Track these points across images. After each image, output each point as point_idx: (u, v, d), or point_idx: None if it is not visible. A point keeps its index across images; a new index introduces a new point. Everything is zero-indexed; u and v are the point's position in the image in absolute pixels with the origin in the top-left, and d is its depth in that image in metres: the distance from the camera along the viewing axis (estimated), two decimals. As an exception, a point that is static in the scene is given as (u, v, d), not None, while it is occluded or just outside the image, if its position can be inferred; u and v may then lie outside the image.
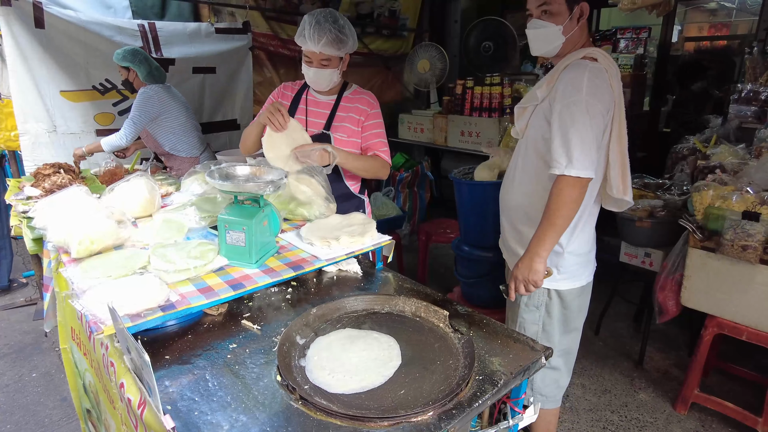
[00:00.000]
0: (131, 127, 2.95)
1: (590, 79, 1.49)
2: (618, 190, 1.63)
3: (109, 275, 1.33)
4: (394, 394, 1.00)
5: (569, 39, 1.59)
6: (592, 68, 1.51)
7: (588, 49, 1.58)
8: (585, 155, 1.46)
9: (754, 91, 3.07)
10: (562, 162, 1.47)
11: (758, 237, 2.01)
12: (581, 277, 1.76)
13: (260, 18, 4.30)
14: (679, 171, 2.96)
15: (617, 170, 1.61)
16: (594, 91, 1.48)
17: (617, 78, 1.58)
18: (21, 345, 3.08)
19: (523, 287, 1.58)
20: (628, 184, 1.65)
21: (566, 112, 1.49)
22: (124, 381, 1.04)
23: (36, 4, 2.99)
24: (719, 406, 2.36)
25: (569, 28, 1.57)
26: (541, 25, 1.58)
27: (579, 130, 1.46)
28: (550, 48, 1.62)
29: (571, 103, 1.48)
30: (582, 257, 1.73)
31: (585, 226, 1.70)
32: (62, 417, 2.46)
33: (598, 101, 1.49)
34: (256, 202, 1.47)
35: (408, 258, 4.14)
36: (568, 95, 1.49)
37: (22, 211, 2.05)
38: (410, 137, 4.95)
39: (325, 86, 2.05)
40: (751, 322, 2.14)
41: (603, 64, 1.55)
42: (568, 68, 1.55)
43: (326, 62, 1.95)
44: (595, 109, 1.48)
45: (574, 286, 1.75)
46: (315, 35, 1.87)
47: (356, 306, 1.33)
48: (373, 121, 2.12)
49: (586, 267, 1.77)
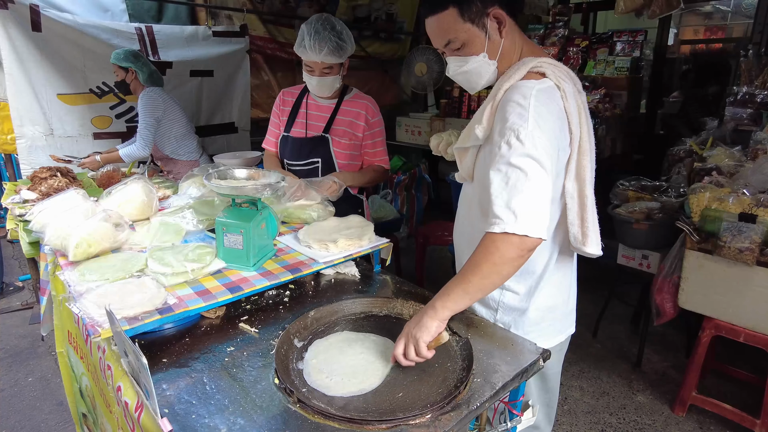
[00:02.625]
0: (146, 134, 2.95)
1: (536, 107, 1.12)
2: (576, 239, 1.28)
3: (106, 278, 1.33)
4: (392, 397, 1.00)
5: (503, 56, 1.25)
6: (538, 92, 1.15)
7: (532, 61, 1.21)
8: (535, 212, 1.08)
9: (749, 94, 3.08)
10: (504, 218, 1.08)
11: (755, 239, 2.02)
12: (557, 333, 1.43)
13: (257, 21, 4.31)
14: (676, 173, 2.97)
15: (574, 214, 1.27)
16: (543, 125, 1.12)
17: (574, 94, 1.22)
18: (17, 349, 3.06)
19: (402, 348, 1.09)
20: (590, 233, 1.27)
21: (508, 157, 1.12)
22: (121, 384, 1.04)
23: (33, 8, 2.99)
24: (717, 408, 2.36)
25: (494, 48, 1.23)
26: (462, 62, 1.25)
27: (528, 180, 1.09)
28: (485, 80, 1.28)
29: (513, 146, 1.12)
30: (554, 311, 1.40)
31: (554, 273, 1.37)
32: (58, 422, 2.45)
33: (548, 140, 1.12)
34: (253, 205, 1.47)
35: (405, 261, 4.13)
36: (511, 136, 1.12)
37: (18, 214, 2.04)
38: (407, 140, 4.96)
39: (329, 92, 2.07)
40: (748, 324, 2.14)
41: (553, 79, 1.20)
42: (508, 93, 1.19)
43: (328, 70, 1.96)
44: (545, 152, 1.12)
45: (549, 345, 1.30)
46: (316, 45, 1.87)
47: (354, 309, 1.33)
48: (375, 130, 2.15)
49: (563, 320, 1.44)
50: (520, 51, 1.28)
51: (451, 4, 1.19)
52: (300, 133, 2.14)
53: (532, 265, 1.34)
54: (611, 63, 4.28)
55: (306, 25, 1.90)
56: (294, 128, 2.15)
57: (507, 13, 1.22)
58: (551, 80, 1.20)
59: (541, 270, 1.35)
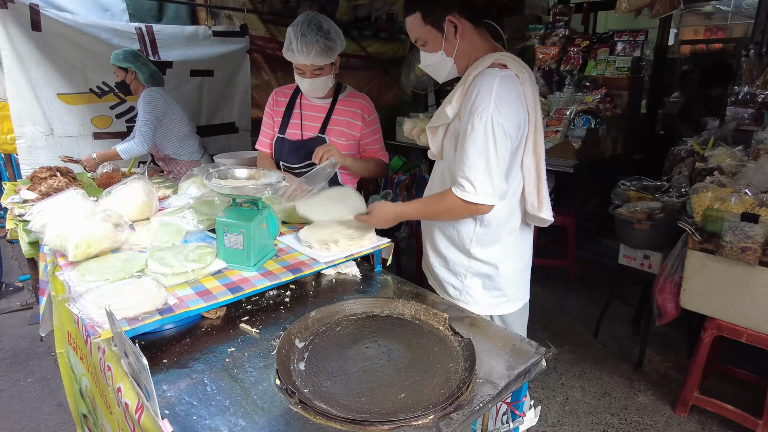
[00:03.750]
0: (146, 131, 2.93)
1: (499, 90, 1.35)
2: (533, 206, 1.54)
3: (106, 279, 1.33)
4: (394, 398, 0.99)
5: (459, 54, 1.48)
6: (501, 78, 1.37)
7: (496, 55, 1.44)
8: (489, 182, 1.38)
9: (751, 94, 3.07)
10: (467, 187, 1.38)
11: (757, 239, 2.01)
12: (520, 297, 1.68)
13: (258, 21, 4.30)
14: (678, 173, 2.96)
15: (531, 185, 1.52)
16: (504, 105, 1.35)
17: (531, 83, 1.46)
18: (16, 350, 3.05)
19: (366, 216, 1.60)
20: (544, 200, 1.54)
21: (474, 132, 1.36)
22: (121, 385, 1.03)
23: (33, 7, 2.98)
24: (719, 409, 2.35)
25: (450, 48, 1.47)
26: (427, 57, 1.52)
27: (487, 152, 1.36)
28: (445, 73, 1.54)
29: (479, 122, 1.35)
30: (517, 279, 1.64)
31: (515, 245, 1.60)
32: (58, 422, 2.44)
33: (507, 119, 1.36)
34: (254, 205, 1.47)
35: (407, 261, 4.13)
36: (477, 113, 1.36)
37: (18, 214, 2.04)
38: (408, 140, 4.92)
39: (322, 93, 2.04)
40: (750, 324, 2.13)
41: (514, 69, 1.42)
42: (476, 79, 1.41)
43: (319, 71, 1.94)
44: (505, 126, 1.36)
45: (515, 309, 1.66)
46: (303, 48, 1.84)
47: (355, 309, 1.32)
48: (373, 127, 2.13)
49: (523, 287, 1.69)
50: (481, 50, 1.48)
51: (416, 9, 1.45)
52: (295, 134, 2.11)
53: (497, 233, 1.55)
54: (612, 63, 4.27)
55: (292, 27, 1.86)
56: (289, 129, 2.12)
57: (467, 18, 1.45)
58: (512, 70, 1.42)
59: (506, 246, 1.57)
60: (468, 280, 1.60)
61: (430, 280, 1.77)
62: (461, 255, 1.59)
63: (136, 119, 3.07)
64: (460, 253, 1.59)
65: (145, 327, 1.14)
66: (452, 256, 1.62)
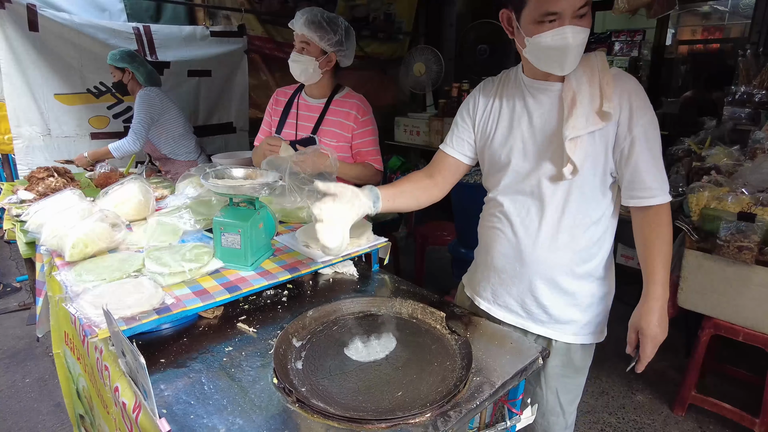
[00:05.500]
0: (139, 129, 2.92)
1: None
2: None
3: (103, 279, 1.32)
4: (391, 396, 0.99)
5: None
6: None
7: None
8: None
9: (747, 93, 3.09)
10: (661, 188, 1.26)
11: (754, 238, 2.01)
12: (605, 325, 1.53)
13: (256, 21, 4.30)
14: (675, 172, 2.97)
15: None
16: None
17: None
18: (14, 350, 3.05)
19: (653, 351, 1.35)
20: None
21: (649, 131, 1.24)
22: (118, 385, 1.03)
23: (30, 7, 2.98)
24: (716, 408, 2.36)
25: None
26: (581, 31, 1.18)
27: (659, 149, 1.27)
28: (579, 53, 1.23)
29: (650, 120, 1.24)
30: (610, 299, 1.50)
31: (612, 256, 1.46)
32: (56, 423, 2.43)
33: None
34: (251, 205, 1.47)
35: (404, 261, 4.13)
36: (645, 110, 1.24)
37: (15, 214, 2.03)
38: (406, 140, 4.96)
39: (300, 74, 1.99)
40: (747, 323, 2.14)
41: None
42: (617, 75, 1.29)
43: (304, 45, 1.93)
44: None
45: (601, 339, 1.53)
46: (300, 15, 1.90)
47: (353, 308, 1.32)
48: (365, 129, 2.05)
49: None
50: None
51: None
52: (290, 134, 2.10)
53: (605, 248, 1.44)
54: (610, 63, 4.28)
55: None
56: (285, 129, 2.12)
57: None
58: None
59: (609, 260, 1.46)
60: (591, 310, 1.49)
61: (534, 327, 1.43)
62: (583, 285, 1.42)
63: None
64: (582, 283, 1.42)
65: (143, 326, 1.14)
66: (576, 288, 1.42)
